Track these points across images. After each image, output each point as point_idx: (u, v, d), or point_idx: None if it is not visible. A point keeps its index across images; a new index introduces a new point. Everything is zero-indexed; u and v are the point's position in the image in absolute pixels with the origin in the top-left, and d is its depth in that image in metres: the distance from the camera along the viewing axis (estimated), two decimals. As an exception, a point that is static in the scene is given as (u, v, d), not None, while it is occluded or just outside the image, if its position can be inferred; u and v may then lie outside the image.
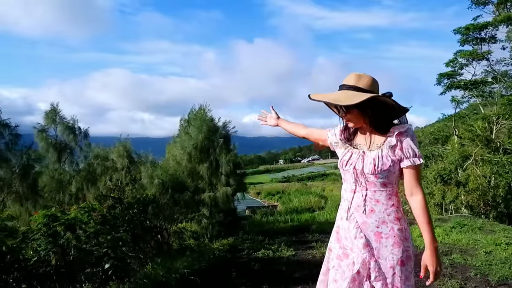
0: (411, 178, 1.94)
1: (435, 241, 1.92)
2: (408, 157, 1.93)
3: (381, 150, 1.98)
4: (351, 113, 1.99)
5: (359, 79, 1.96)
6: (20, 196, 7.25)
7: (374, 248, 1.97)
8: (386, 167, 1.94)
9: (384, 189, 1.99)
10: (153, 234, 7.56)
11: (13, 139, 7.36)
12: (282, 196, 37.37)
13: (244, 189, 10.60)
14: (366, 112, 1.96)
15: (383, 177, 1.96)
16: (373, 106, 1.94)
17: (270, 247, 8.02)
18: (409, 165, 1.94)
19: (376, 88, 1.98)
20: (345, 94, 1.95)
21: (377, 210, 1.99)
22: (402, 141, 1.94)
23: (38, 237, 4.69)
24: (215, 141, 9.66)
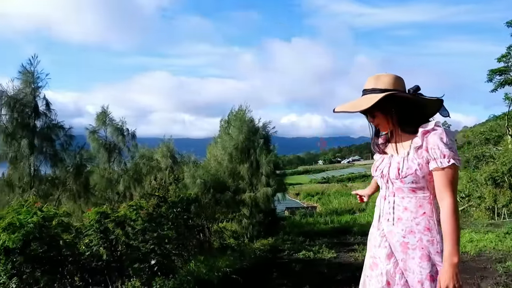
0: (438, 182, 1.73)
1: (455, 255, 1.64)
2: (434, 159, 1.72)
3: (407, 153, 1.84)
4: (377, 116, 1.90)
5: (377, 81, 1.87)
6: (73, 194, 7.71)
7: (400, 260, 1.82)
8: (411, 170, 1.78)
9: (413, 196, 1.82)
10: (195, 232, 7.77)
11: (67, 140, 7.85)
12: (321, 197, 36.88)
13: (284, 190, 10.59)
14: (390, 112, 1.86)
15: (409, 182, 1.80)
16: (395, 105, 1.84)
17: (311, 248, 7.97)
18: (435, 167, 1.72)
19: (399, 86, 1.86)
20: (364, 99, 1.87)
21: (405, 218, 1.82)
22: (428, 141, 1.75)
23: (90, 233, 4.96)
24: (255, 141, 9.74)
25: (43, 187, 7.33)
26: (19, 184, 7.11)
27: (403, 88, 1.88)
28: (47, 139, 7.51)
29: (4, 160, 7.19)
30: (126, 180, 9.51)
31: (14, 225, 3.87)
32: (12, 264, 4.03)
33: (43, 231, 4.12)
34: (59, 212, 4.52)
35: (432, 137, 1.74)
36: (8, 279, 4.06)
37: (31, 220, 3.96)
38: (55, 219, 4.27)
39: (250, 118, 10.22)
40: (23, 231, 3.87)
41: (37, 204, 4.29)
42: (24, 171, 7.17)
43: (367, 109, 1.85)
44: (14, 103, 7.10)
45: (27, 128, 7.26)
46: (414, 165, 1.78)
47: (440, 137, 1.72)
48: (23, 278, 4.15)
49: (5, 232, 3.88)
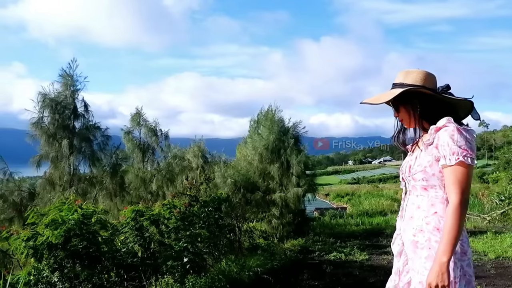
0: (446, 179, 1.69)
1: (445, 254, 1.58)
2: (443, 156, 1.68)
3: (420, 150, 1.83)
4: (400, 111, 1.90)
5: (406, 75, 1.87)
6: (110, 192, 8.00)
7: (410, 258, 1.80)
8: (421, 168, 1.77)
9: (425, 194, 1.79)
10: (226, 232, 7.84)
11: (104, 140, 8.16)
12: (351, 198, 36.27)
13: (314, 190, 10.53)
14: (414, 108, 1.85)
15: (420, 179, 1.78)
16: (420, 101, 1.83)
17: (342, 250, 7.88)
18: (443, 165, 1.68)
19: (429, 82, 1.84)
20: (388, 92, 1.89)
21: (416, 216, 1.79)
22: (439, 138, 1.71)
23: (126, 230, 5.12)
24: (285, 141, 9.72)
25: (81, 186, 7.65)
26: (60, 182, 7.45)
27: (433, 86, 1.85)
28: (85, 139, 7.83)
29: (46, 159, 7.56)
30: (159, 180, 9.76)
31: (56, 222, 4.06)
32: (54, 258, 4.23)
33: (83, 227, 4.29)
34: (97, 210, 4.69)
35: (443, 134, 1.70)
36: (51, 273, 4.27)
37: (72, 217, 4.14)
38: (94, 216, 4.43)
39: (280, 118, 10.23)
40: (65, 228, 4.05)
41: (77, 201, 4.47)
42: (64, 170, 7.50)
43: (392, 103, 1.88)
44: (55, 105, 7.45)
45: (67, 129, 7.60)
46: (424, 162, 1.77)
47: (450, 134, 1.68)
48: (64, 272, 4.34)
49: (48, 228, 4.08)
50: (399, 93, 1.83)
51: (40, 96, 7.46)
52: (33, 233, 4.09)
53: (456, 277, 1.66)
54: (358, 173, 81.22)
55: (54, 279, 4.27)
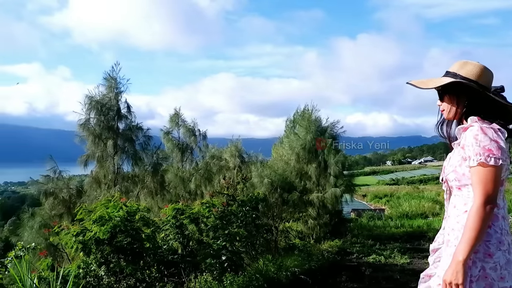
0: (471, 181, 1.67)
1: (461, 253, 1.58)
2: (468, 156, 1.66)
3: (454, 150, 1.83)
4: (445, 101, 1.86)
5: (462, 66, 1.80)
6: (151, 190, 8.30)
7: (442, 256, 1.81)
8: (452, 168, 1.77)
9: (460, 194, 1.78)
10: (263, 231, 7.88)
11: (146, 140, 8.49)
12: (390, 199, 35.25)
13: (352, 191, 10.34)
14: (459, 103, 1.80)
15: (453, 179, 1.78)
16: (468, 96, 1.77)
17: (382, 252, 7.70)
18: (468, 165, 1.68)
19: (483, 79, 1.77)
20: (437, 79, 1.84)
21: (452, 215, 1.80)
22: (465, 138, 1.70)
23: (167, 228, 5.28)
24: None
25: (125, 184, 7.98)
26: (105, 181, 7.82)
27: (487, 83, 1.78)
28: (128, 140, 8.17)
29: (93, 159, 7.96)
30: (197, 179, 9.96)
31: (103, 218, 4.26)
32: (101, 253, 4.44)
33: (127, 224, 4.47)
34: (141, 208, 4.86)
35: (468, 134, 1.69)
36: (98, 267, 4.48)
37: (117, 214, 4.32)
38: (137, 214, 4.60)
39: (317, 118, 10.14)
40: (111, 224, 4.24)
41: (122, 199, 4.66)
42: (109, 169, 7.87)
43: (438, 90, 1.86)
44: (101, 107, 7.83)
45: (112, 129, 7.97)
46: (455, 162, 1.77)
47: (474, 134, 1.66)
48: (110, 267, 4.54)
49: (96, 224, 4.29)
50: (448, 83, 1.79)
51: (87, 98, 7.87)
52: (82, 228, 4.31)
53: (473, 276, 1.63)
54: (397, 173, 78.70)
55: (101, 273, 4.48)
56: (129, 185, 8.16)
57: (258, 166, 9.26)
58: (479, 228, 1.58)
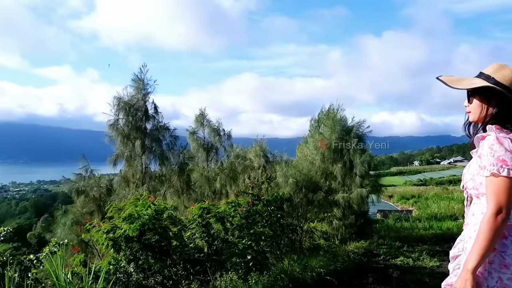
0: (486, 190, 1.66)
1: (470, 263, 1.60)
2: (484, 166, 1.66)
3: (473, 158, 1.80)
4: (473, 102, 1.80)
5: (497, 70, 1.74)
6: (177, 190, 8.45)
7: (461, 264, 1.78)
8: (470, 176, 1.77)
9: (478, 202, 1.76)
10: (288, 231, 7.86)
11: (172, 140, 8.64)
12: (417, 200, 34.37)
13: (379, 191, 10.16)
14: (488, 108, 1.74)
15: (471, 187, 1.77)
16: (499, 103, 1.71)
17: (410, 255, 7.53)
18: (483, 175, 1.66)
19: None
20: (469, 80, 1.79)
21: (471, 223, 1.79)
22: (483, 147, 1.68)
23: (193, 227, 5.36)
24: (348, 141, 9.50)
25: (152, 183, 8.16)
26: (133, 180, 8.01)
27: None
28: (155, 139, 8.34)
29: (121, 158, 8.17)
30: (222, 178, 10.05)
31: (132, 216, 4.37)
32: (130, 250, 4.56)
33: (155, 222, 4.56)
34: (168, 206, 4.95)
35: (485, 143, 1.67)
36: (127, 263, 4.60)
37: (146, 212, 4.42)
38: (165, 212, 4.69)
39: (343, 117, 10.01)
40: (140, 222, 4.34)
41: (151, 198, 4.76)
42: (137, 169, 8.06)
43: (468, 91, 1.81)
44: (129, 108, 8.02)
45: (139, 130, 8.16)
46: (473, 170, 1.76)
47: (490, 144, 1.65)
48: (139, 263, 4.66)
49: (125, 222, 4.40)
50: (479, 86, 1.73)
51: (116, 99, 8.08)
52: (112, 226, 4.43)
53: (490, 286, 1.64)
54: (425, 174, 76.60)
55: (130, 269, 4.60)
56: (156, 184, 8.33)
57: (282, 166, 9.24)
58: (489, 238, 1.59)
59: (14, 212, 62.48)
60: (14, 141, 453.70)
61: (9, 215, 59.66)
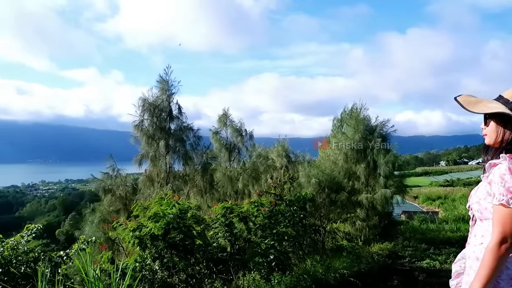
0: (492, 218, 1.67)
1: None
2: (492, 194, 1.66)
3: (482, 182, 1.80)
4: (489, 125, 1.79)
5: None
6: (200, 189, 8.55)
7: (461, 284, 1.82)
8: (477, 199, 1.76)
9: (481, 224, 1.77)
10: (311, 231, 7.82)
11: (196, 140, 8.76)
12: (444, 201, 33.48)
13: (404, 192, 9.94)
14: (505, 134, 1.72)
15: (476, 210, 1.77)
16: None
17: (436, 257, 7.35)
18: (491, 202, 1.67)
19: None
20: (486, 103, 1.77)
21: (471, 243, 1.81)
22: (493, 174, 1.67)
23: (216, 226, 5.41)
24: (372, 141, 9.35)
25: (176, 183, 8.29)
26: (158, 179, 8.16)
27: None
28: (179, 140, 8.47)
29: (146, 158, 8.34)
30: (244, 178, 10.09)
31: (158, 215, 4.45)
32: (155, 248, 4.65)
33: (180, 221, 4.63)
34: (192, 206, 5.01)
35: (496, 171, 1.67)
36: (153, 261, 4.69)
37: (171, 211, 4.49)
38: (189, 211, 4.75)
39: (366, 117, 9.85)
40: (165, 221, 4.42)
41: (175, 197, 4.84)
42: (161, 168, 8.21)
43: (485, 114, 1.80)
44: (154, 109, 8.18)
45: (164, 130, 8.30)
46: (481, 194, 1.75)
47: (501, 173, 1.64)
48: (164, 261, 4.74)
49: (151, 220, 4.49)
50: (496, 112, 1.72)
51: (141, 101, 8.25)
52: (138, 224, 4.53)
53: None
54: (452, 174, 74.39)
55: (155, 267, 4.69)
56: (180, 183, 8.45)
57: (305, 166, 9.19)
58: (492, 266, 1.62)
59: (44, 210, 64.71)
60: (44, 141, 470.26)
61: (39, 213, 61.85)
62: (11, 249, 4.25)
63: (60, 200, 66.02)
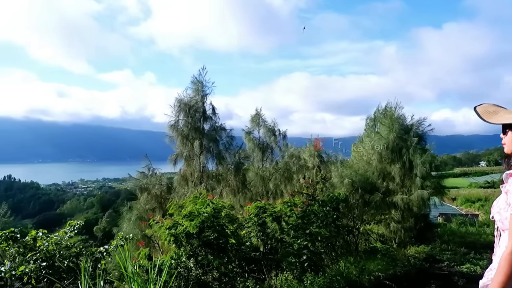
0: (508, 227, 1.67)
1: None
2: (509, 203, 1.67)
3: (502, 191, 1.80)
4: (508, 136, 1.82)
5: None
6: (233, 189, 8.65)
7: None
8: (497, 210, 1.78)
9: (504, 235, 1.77)
10: (344, 232, 7.70)
11: (229, 140, 8.86)
12: (484, 204, 32.01)
13: (442, 193, 9.58)
14: None
15: (497, 220, 1.78)
16: None
17: (477, 262, 7.03)
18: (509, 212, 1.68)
19: None
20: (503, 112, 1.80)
21: (497, 254, 1.80)
22: (510, 185, 1.70)
23: (250, 225, 5.44)
24: (408, 140, 9.05)
25: (210, 182, 8.41)
26: (192, 178, 8.32)
27: None
28: (213, 140, 8.59)
29: (181, 158, 8.52)
30: (277, 178, 10.09)
31: (193, 214, 4.54)
32: (190, 246, 4.74)
33: (214, 220, 4.71)
34: (225, 205, 5.07)
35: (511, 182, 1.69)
36: (187, 259, 4.79)
37: (205, 210, 4.57)
38: (223, 210, 4.81)
39: (401, 115, 9.55)
40: (200, 219, 4.50)
41: (209, 196, 4.91)
42: (195, 168, 8.36)
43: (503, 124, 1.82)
44: (188, 109, 8.35)
45: (198, 130, 8.45)
46: (501, 205, 1.76)
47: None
48: (198, 259, 4.83)
49: (186, 219, 4.59)
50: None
51: (176, 101, 8.43)
52: (173, 222, 4.64)
53: None
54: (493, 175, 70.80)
55: (190, 264, 4.78)
56: (213, 183, 8.57)
57: (338, 166, 9.06)
58: (508, 273, 1.62)
59: (82, 207, 67.46)
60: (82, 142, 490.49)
61: (78, 210, 64.55)
62: (55, 244, 4.46)
63: (97, 198, 68.61)
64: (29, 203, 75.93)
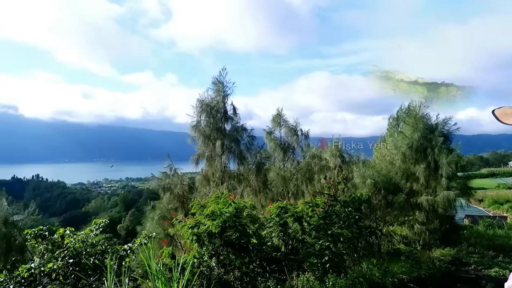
0: None
1: None
2: None
3: None
4: None
5: None
6: (254, 189, 8.67)
7: None
8: None
9: None
10: (367, 234, 7.59)
11: (250, 140, 8.90)
12: (514, 206, 30.85)
13: (468, 195, 9.27)
14: None
15: None
16: None
17: (506, 265, 6.80)
18: None
19: None
20: None
21: None
22: None
23: (271, 225, 5.44)
24: (433, 140, 8.81)
25: (231, 182, 8.46)
26: (213, 178, 8.39)
27: None
28: (234, 140, 8.64)
29: (203, 158, 8.61)
30: (298, 178, 10.04)
31: (215, 213, 4.57)
32: (212, 246, 4.78)
33: (236, 220, 4.72)
34: (247, 205, 5.08)
35: None
36: (209, 258, 4.82)
37: (227, 210, 4.59)
38: (244, 210, 4.82)
39: (426, 115, 9.30)
40: (222, 219, 4.52)
41: (231, 196, 4.93)
42: (217, 168, 8.43)
43: None
44: (210, 110, 8.42)
45: (219, 131, 8.52)
46: None
47: None
48: (220, 259, 4.86)
49: (208, 218, 4.62)
50: None
51: (198, 102, 8.52)
52: (196, 222, 4.69)
53: None
54: (523, 176, 68.21)
55: (212, 263, 4.82)
56: (235, 183, 8.61)
57: (360, 166, 8.93)
58: None
59: (107, 206, 68.99)
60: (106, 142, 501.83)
61: (102, 209, 66.06)
62: (81, 241, 4.58)
63: (121, 197, 70.01)
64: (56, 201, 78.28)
